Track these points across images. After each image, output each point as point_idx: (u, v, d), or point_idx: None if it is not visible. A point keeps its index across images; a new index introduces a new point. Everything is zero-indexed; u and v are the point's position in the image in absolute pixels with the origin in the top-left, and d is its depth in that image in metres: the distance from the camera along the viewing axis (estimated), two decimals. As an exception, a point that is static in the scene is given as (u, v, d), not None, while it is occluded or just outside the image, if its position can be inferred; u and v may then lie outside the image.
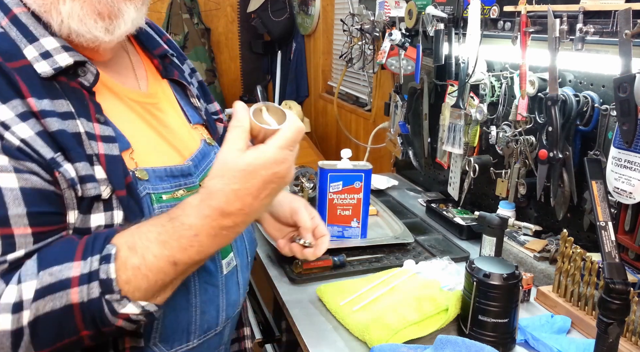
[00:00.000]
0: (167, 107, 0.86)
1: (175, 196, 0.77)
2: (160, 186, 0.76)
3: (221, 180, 0.63)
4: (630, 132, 1.02)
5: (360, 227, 1.40)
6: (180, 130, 0.85)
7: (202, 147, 0.87)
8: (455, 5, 1.55)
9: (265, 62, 4.07)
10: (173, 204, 0.69)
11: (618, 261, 0.82)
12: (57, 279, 0.60)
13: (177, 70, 0.93)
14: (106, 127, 0.71)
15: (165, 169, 0.77)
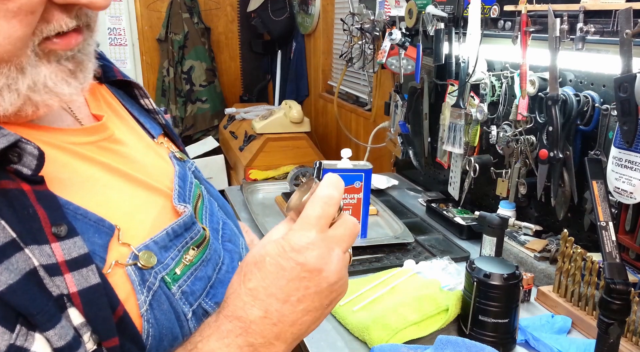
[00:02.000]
0: (123, 131, 0.63)
1: (187, 262, 0.58)
2: (169, 259, 0.56)
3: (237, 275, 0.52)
4: (631, 132, 1.02)
5: (361, 227, 1.40)
6: (147, 159, 0.64)
7: (178, 170, 0.67)
8: (455, 5, 1.55)
9: (265, 61, 4.07)
10: (190, 275, 0.57)
11: (619, 261, 0.82)
12: None
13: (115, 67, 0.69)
14: (72, 242, 0.47)
15: (167, 232, 0.57)
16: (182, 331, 0.55)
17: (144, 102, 0.73)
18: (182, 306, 0.55)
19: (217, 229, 0.67)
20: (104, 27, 3.69)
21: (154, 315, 0.52)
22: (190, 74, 3.66)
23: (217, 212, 0.70)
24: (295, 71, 3.43)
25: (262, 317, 0.49)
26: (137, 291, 0.51)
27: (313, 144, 2.94)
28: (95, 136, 0.58)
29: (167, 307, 0.54)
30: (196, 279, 0.58)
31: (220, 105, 3.78)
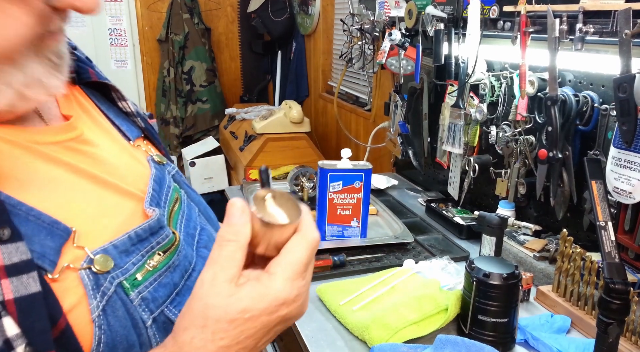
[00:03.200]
0: (94, 132, 0.61)
1: (149, 268, 0.55)
2: (129, 264, 0.53)
3: (202, 333, 0.46)
4: (630, 132, 1.03)
5: (360, 227, 1.40)
6: (121, 161, 0.62)
7: (155, 173, 0.65)
8: (455, 5, 1.55)
9: (266, 62, 4.07)
10: (151, 282, 0.55)
11: (618, 260, 0.82)
12: None
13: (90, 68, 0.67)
14: (14, 247, 0.45)
15: (130, 236, 0.55)
16: (140, 338, 0.52)
17: (121, 105, 0.71)
18: (140, 313, 0.53)
19: (193, 235, 0.65)
20: (105, 28, 3.69)
21: (107, 321, 0.50)
22: (190, 75, 3.67)
23: (196, 218, 0.68)
24: (295, 71, 3.43)
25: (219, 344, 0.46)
26: (89, 296, 0.49)
27: (313, 144, 2.94)
28: (62, 136, 0.56)
29: (123, 313, 0.51)
30: (160, 286, 0.55)
31: (220, 106, 3.79)
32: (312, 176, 1.70)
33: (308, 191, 1.68)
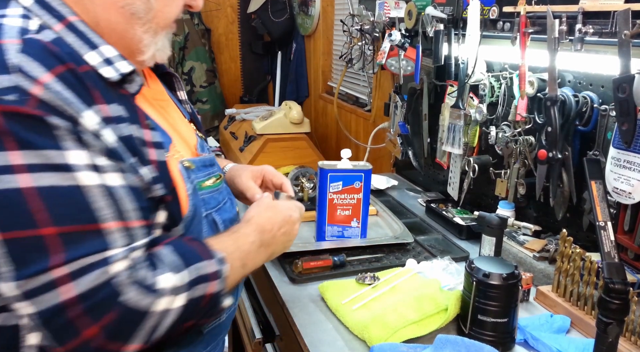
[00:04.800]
0: (170, 104, 0.93)
1: (209, 183, 0.88)
2: (201, 175, 0.86)
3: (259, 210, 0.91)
4: (630, 132, 1.03)
5: (360, 227, 1.40)
6: (183, 127, 0.92)
7: (199, 141, 0.95)
8: (454, 6, 1.55)
9: (266, 62, 4.08)
10: (209, 192, 0.87)
11: (617, 260, 0.82)
12: (204, 273, 0.72)
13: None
14: (155, 133, 0.75)
15: (200, 159, 0.88)
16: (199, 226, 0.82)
17: (179, 93, 0.99)
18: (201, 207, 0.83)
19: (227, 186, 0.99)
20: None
21: (193, 201, 0.80)
22: (190, 75, 3.67)
23: None
24: (295, 72, 3.43)
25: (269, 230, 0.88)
26: (184, 179, 0.80)
27: (313, 145, 2.94)
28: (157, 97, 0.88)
29: (197, 201, 0.81)
30: (211, 197, 0.87)
31: (220, 106, 3.79)
32: (312, 177, 1.70)
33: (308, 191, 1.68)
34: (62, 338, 0.62)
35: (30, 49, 0.63)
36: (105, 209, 0.64)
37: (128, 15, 0.74)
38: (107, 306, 0.62)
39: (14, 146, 0.59)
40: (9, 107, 0.59)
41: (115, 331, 0.63)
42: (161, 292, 0.66)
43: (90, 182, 0.63)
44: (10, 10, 0.68)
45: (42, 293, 0.60)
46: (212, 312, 0.75)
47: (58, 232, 0.60)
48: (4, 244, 0.59)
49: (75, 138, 0.63)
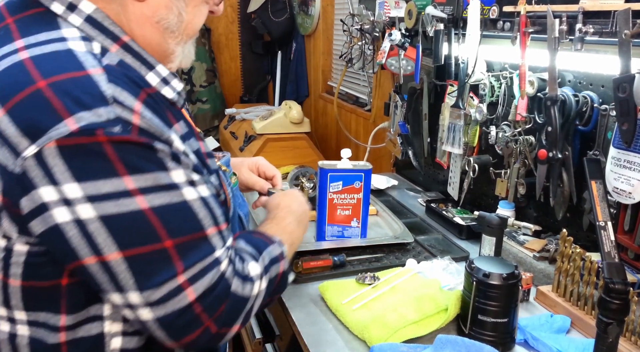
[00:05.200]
0: None
1: (232, 181, 1.02)
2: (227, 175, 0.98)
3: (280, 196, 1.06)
4: (630, 132, 1.03)
5: (360, 227, 1.40)
6: None
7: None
8: (454, 6, 1.55)
9: (266, 62, 4.07)
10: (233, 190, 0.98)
11: (617, 260, 0.82)
12: (274, 256, 0.82)
13: None
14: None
15: (225, 160, 1.02)
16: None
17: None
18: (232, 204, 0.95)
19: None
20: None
21: (232, 201, 0.93)
22: (190, 75, 3.66)
23: None
24: (295, 72, 3.43)
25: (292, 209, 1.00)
26: (225, 182, 0.90)
27: (313, 145, 2.94)
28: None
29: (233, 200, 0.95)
30: (234, 196, 0.97)
31: (220, 106, 3.78)
32: (312, 176, 1.70)
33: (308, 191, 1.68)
34: (179, 336, 0.70)
35: (114, 78, 0.66)
36: (206, 218, 0.71)
37: (162, 29, 0.76)
38: (222, 299, 0.71)
39: (126, 172, 0.64)
40: (118, 137, 0.63)
41: (225, 318, 0.72)
42: (253, 279, 0.76)
43: (192, 196, 0.70)
44: (67, 32, 0.69)
45: (168, 300, 0.67)
46: (283, 289, 0.86)
47: (175, 243, 0.67)
48: (124, 261, 0.65)
49: (173, 159, 0.69)
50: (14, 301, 0.71)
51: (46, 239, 0.65)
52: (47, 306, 0.71)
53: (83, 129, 0.61)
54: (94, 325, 0.72)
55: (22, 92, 0.62)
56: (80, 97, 0.62)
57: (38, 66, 0.64)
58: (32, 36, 0.67)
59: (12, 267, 0.69)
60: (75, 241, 0.64)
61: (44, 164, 0.61)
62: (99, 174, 0.63)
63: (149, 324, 0.68)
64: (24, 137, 0.61)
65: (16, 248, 0.68)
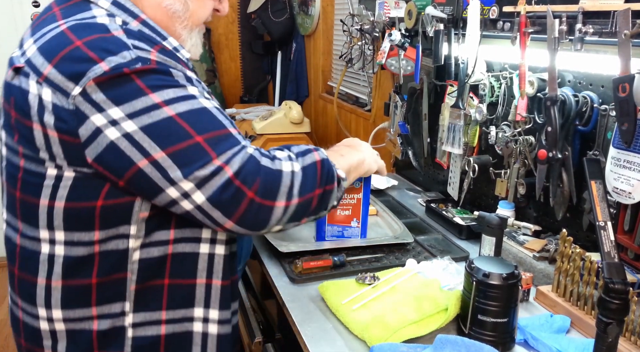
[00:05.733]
0: None
1: None
2: None
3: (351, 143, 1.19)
4: (630, 132, 1.03)
5: (360, 227, 1.40)
6: None
7: None
8: (454, 6, 1.55)
9: (266, 62, 4.07)
10: None
11: (617, 260, 0.82)
12: (302, 149, 0.96)
13: None
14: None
15: None
16: None
17: None
18: None
19: None
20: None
21: None
22: (190, 75, 3.66)
23: None
24: (295, 72, 3.43)
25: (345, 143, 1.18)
26: None
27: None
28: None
29: None
30: None
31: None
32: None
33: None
34: (230, 210, 0.85)
35: (132, 36, 0.84)
36: (225, 120, 0.88)
37: (170, 13, 0.94)
38: (255, 172, 0.85)
39: (151, 91, 0.81)
40: (140, 67, 0.81)
41: (264, 189, 0.86)
42: (281, 159, 0.90)
43: (209, 105, 0.87)
44: (97, 11, 0.87)
45: (211, 178, 0.82)
46: (331, 177, 0.95)
47: (204, 138, 0.83)
48: (167, 158, 0.81)
49: (188, 80, 0.87)
50: (57, 221, 0.86)
51: (105, 157, 0.81)
52: (83, 225, 0.86)
53: (113, 68, 0.79)
54: (121, 241, 0.88)
55: (64, 50, 0.81)
56: (108, 47, 0.81)
57: (74, 32, 0.82)
58: (70, 17, 0.86)
59: (60, 191, 0.85)
60: (128, 150, 0.80)
61: (90, 98, 0.79)
62: (131, 96, 0.80)
63: (204, 206, 0.84)
64: (70, 81, 0.79)
65: (65, 174, 0.84)
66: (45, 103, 0.80)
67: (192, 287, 0.96)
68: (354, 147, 1.15)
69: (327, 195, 0.96)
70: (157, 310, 0.93)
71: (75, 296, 0.89)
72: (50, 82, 0.80)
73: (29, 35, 0.89)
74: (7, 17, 3.12)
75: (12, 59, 0.87)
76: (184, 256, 0.93)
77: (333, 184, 0.96)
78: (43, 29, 0.86)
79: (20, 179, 0.87)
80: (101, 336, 0.91)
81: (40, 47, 0.83)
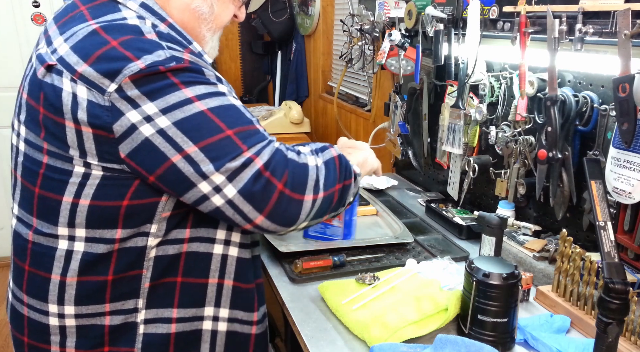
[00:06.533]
0: None
1: None
2: None
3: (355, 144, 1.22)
4: (630, 132, 1.03)
5: (343, 227, 1.39)
6: None
7: None
8: (454, 6, 1.55)
9: (266, 62, 4.07)
10: None
11: (617, 260, 0.82)
12: (320, 146, 0.99)
13: None
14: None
15: None
16: None
17: None
18: None
19: None
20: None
21: None
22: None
23: None
24: (295, 72, 3.43)
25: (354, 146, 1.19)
26: None
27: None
28: None
29: None
30: None
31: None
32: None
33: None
34: (262, 204, 0.86)
35: (164, 39, 0.86)
36: (252, 118, 0.90)
37: (197, 15, 0.96)
38: (283, 164, 0.87)
39: (184, 86, 0.83)
40: (174, 66, 0.82)
41: (293, 182, 0.88)
42: (305, 154, 0.93)
43: (237, 102, 0.89)
44: (127, 13, 0.89)
45: (242, 170, 0.84)
46: (349, 172, 0.98)
47: (235, 132, 0.85)
48: (199, 152, 0.82)
49: (218, 80, 0.89)
50: (79, 219, 0.87)
51: (139, 153, 0.83)
52: (107, 223, 0.87)
53: (149, 66, 0.81)
54: (141, 239, 0.90)
55: (100, 49, 0.81)
56: (143, 46, 0.82)
57: (108, 32, 0.84)
58: (100, 17, 0.87)
59: (85, 189, 0.86)
60: (162, 146, 0.82)
61: (125, 95, 0.81)
62: (165, 91, 0.82)
63: (236, 200, 0.84)
64: (105, 78, 0.80)
65: (93, 173, 0.85)
66: (79, 100, 0.81)
67: (204, 286, 0.97)
68: (355, 147, 1.18)
69: (347, 190, 0.98)
70: (169, 307, 0.95)
71: (90, 292, 0.90)
72: (86, 79, 0.81)
73: (56, 33, 0.88)
74: (7, 17, 3.12)
75: (42, 56, 0.87)
76: (197, 255, 0.95)
77: (351, 179, 0.99)
78: (73, 27, 0.86)
79: (42, 175, 0.88)
80: (112, 331, 0.92)
81: (74, 46, 0.83)
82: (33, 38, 3.13)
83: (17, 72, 3.13)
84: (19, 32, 3.15)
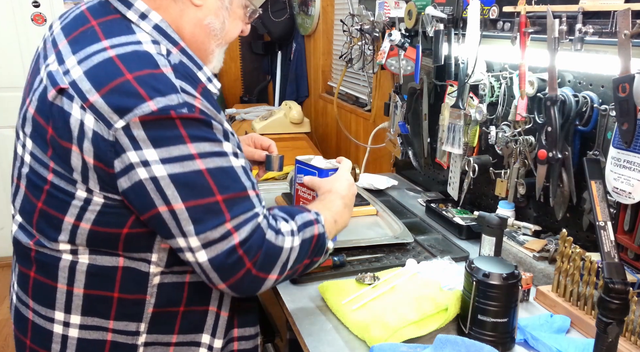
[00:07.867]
0: None
1: None
2: None
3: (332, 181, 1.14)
4: (630, 132, 1.03)
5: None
6: None
7: None
8: (454, 6, 1.55)
9: (266, 62, 4.07)
10: None
11: (617, 260, 0.82)
12: (306, 220, 0.96)
13: None
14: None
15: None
16: None
17: None
18: None
19: None
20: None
21: None
22: (190, 75, 3.66)
23: None
24: (295, 72, 3.43)
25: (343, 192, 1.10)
26: None
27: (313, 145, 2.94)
28: None
29: None
30: None
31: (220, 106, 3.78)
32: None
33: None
34: (227, 275, 0.86)
35: (180, 75, 0.85)
36: (247, 181, 0.88)
37: (209, 31, 0.96)
38: (259, 244, 0.86)
39: (190, 141, 0.82)
40: (185, 114, 0.81)
41: (262, 263, 0.87)
42: (284, 234, 0.91)
43: (237, 164, 0.88)
44: (141, 36, 0.87)
45: (218, 242, 0.84)
46: (321, 252, 0.99)
47: (224, 198, 0.84)
48: (184, 211, 0.82)
49: (224, 135, 0.87)
50: (79, 239, 0.88)
51: (131, 193, 0.83)
52: (108, 245, 0.88)
53: (161, 109, 0.80)
54: (143, 265, 0.91)
55: (115, 81, 0.80)
56: (157, 86, 0.81)
57: (124, 63, 0.82)
58: (114, 38, 0.85)
59: (87, 214, 0.86)
60: (153, 193, 0.82)
61: (130, 134, 0.80)
62: (170, 141, 0.81)
63: (204, 265, 0.85)
64: (115, 114, 0.79)
65: (95, 199, 0.85)
66: (86, 129, 0.81)
67: (205, 313, 0.98)
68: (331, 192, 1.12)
69: (313, 264, 1.00)
70: (169, 333, 0.96)
71: (97, 304, 0.91)
72: (95, 110, 0.80)
73: (68, 50, 0.86)
74: (7, 17, 3.12)
75: (53, 76, 0.85)
76: (199, 284, 0.95)
77: (320, 256, 1.00)
78: (86, 47, 0.85)
79: (46, 192, 0.88)
80: (112, 349, 0.93)
81: (87, 71, 0.82)
82: (33, 38, 3.13)
83: (17, 72, 3.13)
84: (19, 32, 3.15)
